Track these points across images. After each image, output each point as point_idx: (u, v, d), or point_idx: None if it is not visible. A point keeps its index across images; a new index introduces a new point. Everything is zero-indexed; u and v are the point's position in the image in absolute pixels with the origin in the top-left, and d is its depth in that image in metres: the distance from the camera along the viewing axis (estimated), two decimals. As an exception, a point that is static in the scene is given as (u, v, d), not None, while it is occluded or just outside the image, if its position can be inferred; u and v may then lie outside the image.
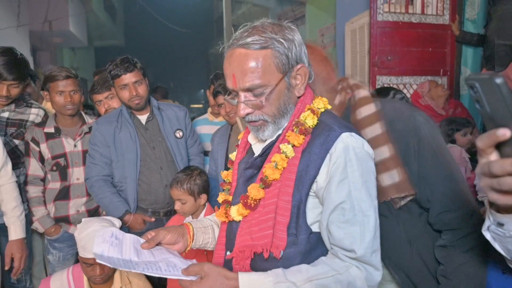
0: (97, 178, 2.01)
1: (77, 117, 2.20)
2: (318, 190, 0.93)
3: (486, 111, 0.55)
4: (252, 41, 0.91)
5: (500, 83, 0.52)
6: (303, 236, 0.93)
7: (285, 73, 0.95)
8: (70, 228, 2.15)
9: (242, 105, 0.95)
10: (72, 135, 2.15)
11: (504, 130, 0.53)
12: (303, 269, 0.90)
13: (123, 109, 2.06)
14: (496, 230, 0.71)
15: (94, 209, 2.22)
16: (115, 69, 1.93)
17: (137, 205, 2.02)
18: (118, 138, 2.00)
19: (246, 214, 0.99)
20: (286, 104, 0.97)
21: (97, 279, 1.63)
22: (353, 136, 0.93)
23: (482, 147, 0.58)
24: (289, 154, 0.95)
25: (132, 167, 1.99)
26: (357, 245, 0.88)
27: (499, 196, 0.58)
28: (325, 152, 0.92)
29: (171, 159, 2.07)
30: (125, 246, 1.01)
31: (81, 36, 7.89)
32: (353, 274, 0.89)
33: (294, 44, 0.95)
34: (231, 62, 0.94)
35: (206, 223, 1.20)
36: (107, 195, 1.98)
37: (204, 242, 1.16)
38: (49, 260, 2.19)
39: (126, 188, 2.00)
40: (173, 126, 2.11)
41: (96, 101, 2.33)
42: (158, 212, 2.05)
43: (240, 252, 0.98)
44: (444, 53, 3.48)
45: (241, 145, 1.14)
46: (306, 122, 0.96)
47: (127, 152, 1.99)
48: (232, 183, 1.11)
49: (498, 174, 0.56)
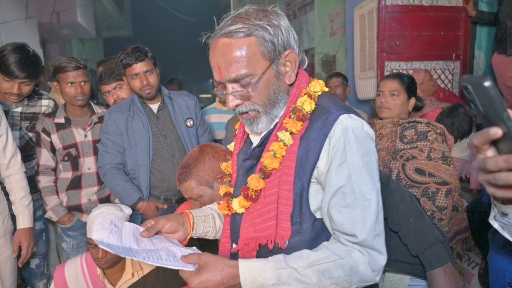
0: (110, 166, 2.04)
1: (87, 107, 2.23)
2: (319, 176, 0.91)
3: (480, 111, 0.58)
4: (235, 30, 0.88)
5: (489, 86, 0.54)
6: (308, 223, 0.92)
7: (272, 60, 0.91)
8: (82, 217, 2.20)
9: (230, 96, 0.92)
10: (82, 125, 2.18)
11: (496, 129, 0.56)
12: (304, 254, 0.88)
13: (135, 98, 2.08)
14: (501, 220, 0.73)
15: (106, 197, 2.27)
16: (126, 58, 1.95)
17: (149, 193, 2.06)
18: (130, 126, 2.03)
19: (248, 206, 0.97)
20: (277, 92, 0.94)
21: (101, 261, 1.65)
22: (352, 118, 0.90)
23: (477, 144, 0.60)
24: (288, 141, 0.92)
25: (145, 155, 2.02)
26: (359, 229, 0.86)
27: (496, 190, 0.60)
28: (324, 137, 0.89)
29: (182, 148, 2.09)
30: (125, 234, 0.99)
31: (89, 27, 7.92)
32: (356, 258, 0.87)
33: (281, 29, 0.92)
34: (215, 53, 0.91)
35: (207, 211, 1.18)
36: (121, 183, 2.01)
37: (205, 231, 1.14)
38: (63, 248, 2.25)
39: (139, 176, 2.04)
40: (184, 115, 2.13)
41: (104, 91, 2.36)
42: (170, 199, 2.09)
43: (245, 244, 0.96)
44: (457, 37, 3.42)
45: (239, 135, 1.11)
46: (303, 108, 0.93)
47: (140, 140, 2.02)
48: (232, 175, 1.07)
49: (493, 169, 0.58)
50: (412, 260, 1.33)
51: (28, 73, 1.99)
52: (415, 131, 1.84)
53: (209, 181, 1.36)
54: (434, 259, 1.30)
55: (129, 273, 1.77)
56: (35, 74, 2.04)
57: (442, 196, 1.75)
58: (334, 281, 0.86)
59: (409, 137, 1.84)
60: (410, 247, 1.32)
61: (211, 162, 1.37)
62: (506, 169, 0.56)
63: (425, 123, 1.86)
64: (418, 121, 1.87)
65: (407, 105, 1.94)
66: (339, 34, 5.52)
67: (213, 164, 1.36)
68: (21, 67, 1.96)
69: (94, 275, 1.78)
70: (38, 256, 2.24)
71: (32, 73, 2.01)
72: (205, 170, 1.36)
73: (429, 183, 1.75)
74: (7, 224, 1.89)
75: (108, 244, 0.92)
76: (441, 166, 1.77)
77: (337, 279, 0.86)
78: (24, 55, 1.99)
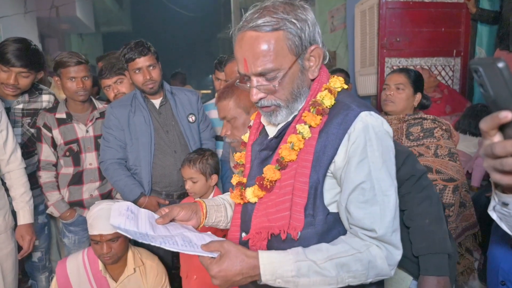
0: (111, 161, 2.04)
1: (88, 103, 2.22)
2: (336, 171, 0.92)
3: (490, 94, 0.57)
4: (263, 23, 0.88)
5: (502, 67, 0.53)
6: (320, 216, 0.93)
7: (299, 55, 0.92)
8: (84, 212, 2.20)
9: (255, 90, 0.93)
10: (83, 120, 2.18)
11: (506, 113, 0.55)
12: (323, 248, 0.89)
13: (137, 93, 2.08)
14: (501, 210, 0.73)
15: (107, 193, 2.27)
16: (129, 52, 1.94)
17: (151, 188, 2.06)
18: (132, 121, 2.03)
19: (261, 196, 0.98)
20: (300, 87, 0.95)
21: (106, 257, 1.67)
22: (372, 115, 0.91)
23: (485, 129, 0.59)
24: (306, 134, 0.93)
25: (146, 150, 2.02)
26: (378, 224, 0.88)
27: (502, 176, 0.60)
28: (343, 132, 0.90)
29: (184, 143, 2.10)
30: (141, 220, 1.01)
31: (88, 22, 7.88)
32: (374, 253, 0.88)
33: (307, 24, 0.92)
34: (241, 45, 0.91)
35: (219, 201, 1.20)
36: (122, 178, 2.02)
37: (217, 220, 1.16)
38: (65, 243, 2.26)
39: (141, 171, 2.04)
40: (186, 110, 2.13)
41: (105, 86, 2.35)
42: (171, 195, 2.09)
43: (257, 233, 0.97)
44: (458, 33, 3.40)
45: (254, 127, 1.13)
46: (323, 102, 0.94)
47: (142, 135, 2.02)
48: (246, 165, 1.09)
49: (501, 155, 0.57)
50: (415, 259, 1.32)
51: (26, 62, 1.96)
52: (421, 128, 1.83)
53: (247, 106, 1.35)
54: (433, 267, 1.28)
55: (131, 268, 1.78)
56: (33, 65, 2.01)
57: (450, 192, 1.75)
58: (352, 274, 0.88)
59: (416, 134, 1.83)
60: (414, 247, 1.30)
61: None
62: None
63: (431, 120, 1.85)
64: (424, 118, 1.86)
65: (413, 100, 1.92)
66: (339, 30, 5.50)
67: None
68: (18, 56, 1.94)
69: (96, 270, 1.79)
70: (40, 250, 2.25)
71: (30, 63, 1.98)
72: (246, 94, 1.35)
73: (436, 180, 1.75)
74: (8, 219, 1.89)
75: (125, 229, 0.93)
76: (448, 162, 1.77)
77: (355, 272, 0.88)
78: (23, 46, 1.97)
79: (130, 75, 2.03)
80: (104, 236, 1.65)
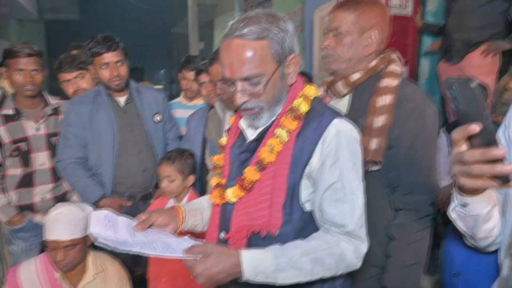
0: (70, 160, 1.95)
1: (39, 98, 2.09)
2: (311, 172, 1.01)
3: (461, 108, 0.67)
4: (249, 32, 0.95)
5: (474, 86, 0.63)
6: (297, 215, 1.01)
7: (280, 62, 0.99)
8: (35, 217, 2.07)
9: (239, 94, 1.00)
10: (34, 117, 2.04)
11: (475, 125, 0.64)
12: (299, 244, 0.97)
13: (100, 89, 1.99)
14: (460, 211, 0.85)
15: (62, 195, 2.15)
16: (97, 46, 1.86)
17: (113, 189, 1.99)
18: (95, 119, 1.94)
19: (241, 196, 1.04)
20: (280, 92, 1.03)
21: (61, 265, 1.60)
22: (343, 122, 1.01)
23: (456, 138, 0.69)
24: (284, 138, 1.01)
25: (109, 150, 1.95)
26: (348, 220, 0.97)
27: (468, 180, 0.70)
28: (318, 137, 0.99)
29: (149, 143, 2.05)
30: (119, 227, 1.03)
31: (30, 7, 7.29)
32: (344, 247, 0.98)
33: (288, 34, 1.00)
34: (229, 52, 0.97)
35: (195, 206, 1.24)
36: (82, 179, 1.93)
37: (194, 225, 1.20)
38: (12, 251, 2.10)
39: (103, 172, 1.96)
40: (152, 109, 2.08)
41: (64, 80, 2.22)
42: (135, 196, 2.04)
43: (238, 232, 1.03)
44: (406, 44, 3.66)
45: (233, 130, 1.19)
46: (299, 108, 1.02)
47: (105, 134, 1.94)
48: (225, 167, 1.15)
49: (469, 161, 0.67)
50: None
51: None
52: None
53: (364, 27, 1.29)
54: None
55: (91, 274, 1.71)
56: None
57: None
58: (325, 267, 0.97)
59: None
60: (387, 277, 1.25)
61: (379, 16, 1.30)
62: (481, 161, 0.65)
63: None
64: None
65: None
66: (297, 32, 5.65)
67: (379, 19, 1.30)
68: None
69: (52, 278, 1.69)
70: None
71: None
72: (371, 16, 1.30)
73: None
74: None
75: (104, 238, 0.95)
76: None
77: (327, 266, 0.97)
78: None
79: (96, 70, 1.94)
80: (61, 242, 1.56)
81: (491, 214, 0.83)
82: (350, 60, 1.31)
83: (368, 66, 1.31)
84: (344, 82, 1.33)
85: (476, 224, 0.85)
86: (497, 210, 0.86)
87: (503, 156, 0.63)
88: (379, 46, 1.31)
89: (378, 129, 1.23)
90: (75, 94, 2.17)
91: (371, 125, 1.24)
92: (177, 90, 12.84)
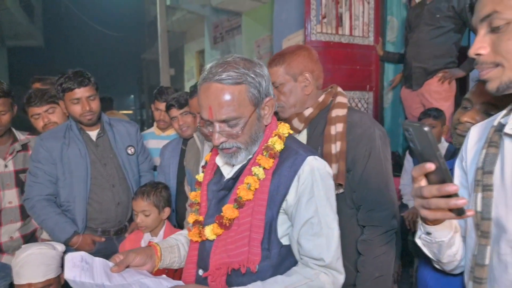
0: (39, 197, 1.88)
1: (7, 134, 2.03)
2: (287, 208, 1.04)
3: (418, 149, 0.74)
4: (227, 77, 0.99)
5: (427, 130, 0.70)
6: (275, 250, 1.03)
7: (257, 105, 1.04)
8: (2, 257, 1.97)
9: (217, 134, 1.03)
10: (2, 154, 1.98)
11: (430, 164, 0.72)
12: (279, 279, 0.99)
13: (71, 124, 1.96)
14: (425, 238, 0.92)
15: (30, 233, 2.07)
16: (68, 82, 1.84)
17: (86, 225, 1.93)
18: (65, 154, 1.90)
19: (220, 233, 1.05)
20: (257, 132, 1.07)
21: None
22: (317, 159, 1.06)
23: (415, 175, 0.77)
24: (261, 176, 1.04)
25: (81, 185, 1.90)
26: (325, 254, 1.01)
27: (428, 212, 0.77)
28: (293, 174, 1.03)
29: (122, 176, 2.02)
30: (96, 270, 1.00)
31: (-8, 35, 7.09)
32: (322, 279, 1.01)
33: (264, 79, 1.05)
34: (208, 95, 1.01)
35: (172, 242, 1.23)
36: (52, 216, 1.86)
37: (171, 262, 1.19)
38: None
39: (74, 208, 1.90)
40: (125, 142, 2.07)
41: (33, 114, 2.16)
42: (108, 231, 1.98)
43: (217, 269, 1.04)
44: (370, 71, 3.87)
45: (209, 167, 1.20)
46: (274, 147, 1.07)
47: (76, 169, 1.90)
48: (202, 203, 1.15)
49: (427, 196, 0.75)
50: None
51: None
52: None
53: (296, 73, 1.41)
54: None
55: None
56: None
57: None
58: None
59: None
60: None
61: (305, 59, 1.42)
62: (437, 196, 0.73)
63: None
64: None
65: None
66: (266, 58, 5.82)
67: (306, 62, 1.42)
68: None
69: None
70: None
71: None
72: (297, 62, 1.41)
73: None
74: None
75: (81, 283, 0.93)
76: None
77: None
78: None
79: (66, 106, 1.91)
80: (34, 285, 1.50)
81: (453, 241, 0.90)
82: (295, 105, 1.44)
83: (318, 101, 1.45)
84: (298, 119, 1.45)
85: (440, 250, 0.92)
86: (459, 236, 0.93)
87: (455, 191, 0.71)
88: (317, 82, 1.46)
89: (336, 154, 1.34)
90: (45, 128, 2.12)
91: (330, 152, 1.35)
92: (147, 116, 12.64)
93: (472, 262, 0.86)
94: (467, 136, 0.97)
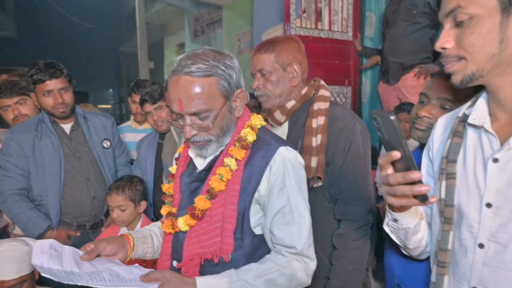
0: (10, 192, 1.83)
1: None
2: (260, 198, 1.06)
3: (385, 137, 0.77)
4: (197, 69, 0.98)
5: (393, 119, 0.72)
6: (248, 239, 1.05)
7: (228, 97, 1.04)
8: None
9: (188, 127, 1.03)
10: None
11: (396, 153, 0.75)
12: (253, 267, 1.02)
13: (44, 116, 1.91)
14: (392, 225, 0.96)
15: (2, 229, 2.01)
16: (39, 73, 1.79)
17: (60, 220, 1.89)
18: (38, 148, 1.85)
19: (193, 225, 1.06)
20: (228, 124, 1.07)
21: None
22: (288, 150, 1.07)
23: (382, 163, 0.79)
24: (233, 167, 1.05)
25: (54, 179, 1.86)
26: (297, 241, 1.03)
27: (394, 199, 0.81)
28: (265, 164, 1.04)
29: (98, 170, 1.99)
30: (65, 258, 0.99)
31: (-39, 24, 6.78)
32: (295, 266, 1.03)
33: (235, 71, 1.05)
34: (177, 88, 1.00)
35: (145, 233, 1.23)
36: (25, 211, 1.81)
37: (144, 252, 1.19)
38: None
39: (47, 202, 1.86)
40: (100, 135, 2.03)
41: (3, 106, 2.09)
42: (83, 226, 1.95)
43: (190, 260, 1.05)
44: (348, 66, 3.92)
45: (182, 159, 1.21)
46: (247, 138, 1.08)
47: (49, 163, 1.86)
48: (175, 195, 1.16)
49: (393, 184, 0.78)
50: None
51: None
52: None
53: (285, 63, 1.38)
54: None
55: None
56: None
57: None
58: (278, 287, 1.02)
59: None
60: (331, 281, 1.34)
61: (295, 50, 1.40)
62: (402, 183, 0.76)
63: None
64: None
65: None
66: (246, 53, 5.81)
67: (295, 53, 1.40)
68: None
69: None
70: None
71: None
72: (287, 52, 1.38)
73: None
74: None
75: (48, 269, 0.90)
76: None
77: (280, 285, 1.02)
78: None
79: (38, 98, 1.86)
80: (7, 282, 1.46)
81: (419, 227, 0.94)
82: (281, 95, 1.42)
83: (301, 93, 1.43)
84: (280, 111, 1.44)
85: (407, 236, 0.96)
86: (424, 222, 0.97)
87: (419, 178, 0.74)
88: (303, 75, 1.45)
89: (317, 147, 1.35)
90: (15, 121, 2.06)
91: (310, 144, 1.35)
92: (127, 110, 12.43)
93: (436, 247, 0.90)
94: (434, 127, 1.00)
